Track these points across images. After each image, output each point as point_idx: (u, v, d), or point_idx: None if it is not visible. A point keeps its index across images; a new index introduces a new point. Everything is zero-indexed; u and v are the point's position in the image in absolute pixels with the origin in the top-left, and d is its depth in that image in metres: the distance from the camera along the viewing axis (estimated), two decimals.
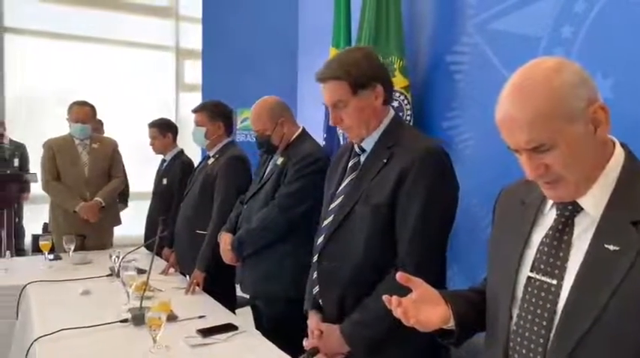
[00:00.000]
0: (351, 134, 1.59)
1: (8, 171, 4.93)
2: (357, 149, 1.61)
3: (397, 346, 1.47)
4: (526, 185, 1.02)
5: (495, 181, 2.27)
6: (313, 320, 1.63)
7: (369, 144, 1.57)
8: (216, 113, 2.78)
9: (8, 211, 4.56)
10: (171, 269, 2.83)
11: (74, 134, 3.36)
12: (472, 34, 2.74)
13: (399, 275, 1.06)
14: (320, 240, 1.62)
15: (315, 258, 1.63)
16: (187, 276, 2.66)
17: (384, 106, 1.57)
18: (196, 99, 5.27)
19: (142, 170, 4.95)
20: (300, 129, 2.38)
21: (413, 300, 1.05)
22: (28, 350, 1.82)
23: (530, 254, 0.99)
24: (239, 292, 2.77)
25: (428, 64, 3.06)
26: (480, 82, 2.66)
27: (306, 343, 1.56)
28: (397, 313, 1.04)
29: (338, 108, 1.54)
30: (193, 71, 6.20)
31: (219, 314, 2.19)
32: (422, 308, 1.05)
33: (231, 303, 2.47)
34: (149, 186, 3.50)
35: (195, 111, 2.84)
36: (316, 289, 1.64)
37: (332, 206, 1.61)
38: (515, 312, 0.98)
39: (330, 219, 1.59)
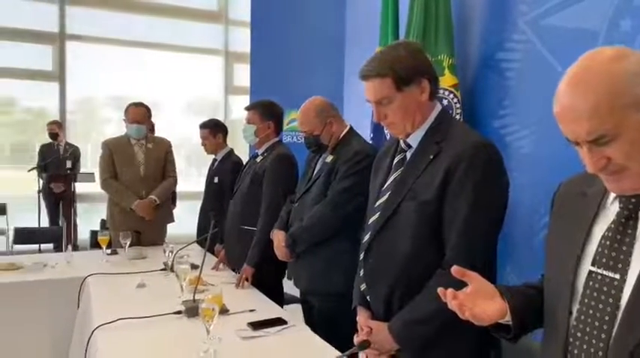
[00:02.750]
0: (395, 130, 1.57)
1: (61, 172, 5.18)
2: (402, 145, 1.59)
3: (446, 344, 1.46)
4: (587, 176, 0.99)
5: (549, 181, 2.22)
6: (362, 317, 1.63)
7: (415, 139, 1.56)
8: (267, 112, 2.83)
9: (65, 209, 4.81)
10: (221, 265, 2.90)
11: (130, 134, 3.50)
12: (524, 31, 2.68)
13: (454, 269, 1.05)
14: (366, 237, 1.61)
15: (362, 255, 1.62)
16: (236, 272, 2.72)
17: (430, 101, 1.54)
18: (245, 101, 5.38)
19: (191, 171, 5.12)
20: (347, 127, 2.40)
21: (468, 293, 1.04)
22: (89, 337, 1.91)
23: (592, 248, 0.96)
24: (286, 289, 2.82)
25: (478, 62, 3.01)
26: (533, 80, 2.60)
27: (356, 339, 1.56)
28: (452, 305, 1.03)
29: (382, 105, 1.52)
30: (242, 74, 6.34)
31: (268, 308, 2.24)
32: (477, 301, 1.04)
33: (278, 299, 2.50)
34: (196, 186, 3.60)
35: (247, 109, 2.89)
36: (363, 286, 1.64)
37: (378, 203, 1.60)
38: (576, 308, 0.96)
39: (376, 216, 1.58)
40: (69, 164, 5.13)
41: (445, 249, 1.45)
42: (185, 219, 3.88)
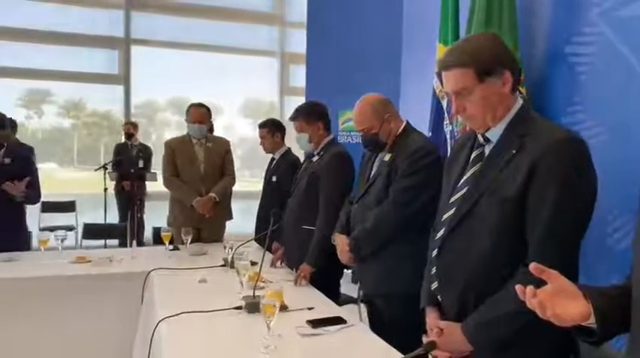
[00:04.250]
0: (474, 124, 1.51)
1: (132, 170, 5.42)
2: (480, 139, 1.53)
3: (523, 346, 1.39)
4: None
5: (622, 181, 2.08)
6: (432, 318, 1.58)
7: (494, 134, 1.49)
8: (312, 115, 2.81)
9: (132, 206, 5.01)
10: (279, 263, 2.92)
11: (192, 133, 3.59)
12: (596, 23, 2.54)
13: (533, 266, 0.99)
14: (440, 233, 1.56)
15: (435, 253, 1.57)
16: (294, 270, 2.73)
17: (511, 94, 1.47)
18: (301, 101, 5.42)
19: (244, 172, 5.21)
20: (404, 123, 2.34)
21: (548, 292, 0.98)
22: (154, 329, 1.97)
23: None
24: (343, 289, 2.81)
25: (545, 57, 2.88)
26: (607, 74, 2.45)
27: (425, 340, 1.51)
28: (532, 304, 0.97)
29: (461, 97, 1.47)
30: (297, 75, 6.40)
31: (326, 307, 2.22)
32: (558, 301, 0.97)
33: (335, 299, 2.48)
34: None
35: (292, 119, 2.87)
36: (435, 285, 1.58)
37: (453, 198, 1.54)
38: None
39: (451, 212, 1.53)
40: (141, 163, 5.35)
41: (527, 249, 1.38)
42: (237, 218, 3.94)
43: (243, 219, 4.06)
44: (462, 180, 1.54)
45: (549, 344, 1.39)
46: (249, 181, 6.08)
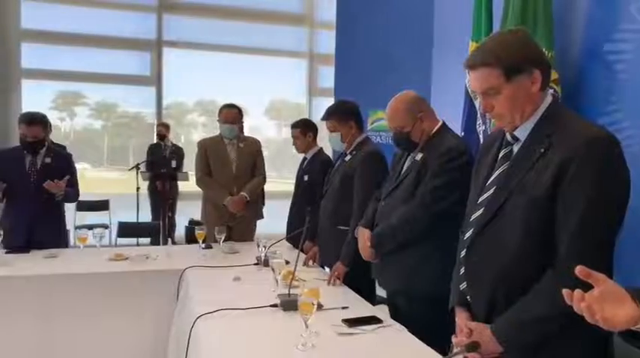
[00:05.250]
0: (502, 123, 1.49)
1: (163, 170, 5.52)
2: (509, 138, 1.51)
3: (555, 349, 1.37)
4: None
5: None
6: (461, 318, 1.57)
7: (523, 132, 1.47)
8: (344, 114, 2.81)
9: (164, 205, 5.11)
10: (311, 262, 2.93)
11: (224, 134, 3.65)
12: (636, 19, 2.48)
13: (579, 269, 0.98)
14: (468, 234, 1.54)
15: (464, 253, 1.56)
16: (327, 269, 2.74)
17: (540, 92, 1.45)
18: (329, 102, 5.42)
19: (271, 173, 5.24)
20: (439, 123, 2.32)
21: (595, 296, 0.97)
22: (192, 325, 2.00)
23: None
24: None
25: (581, 55, 2.83)
26: None
27: (454, 340, 1.50)
28: (579, 308, 0.96)
29: (489, 96, 1.45)
30: (326, 76, 6.42)
31: (361, 306, 2.23)
32: (606, 305, 0.96)
33: (369, 298, 2.48)
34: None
35: (324, 119, 2.87)
36: (464, 285, 1.57)
37: (482, 198, 1.53)
38: None
39: (479, 212, 1.51)
40: (174, 163, 5.46)
41: (556, 249, 1.35)
42: (273, 218, 3.97)
43: (270, 219, 4.09)
44: (490, 180, 1.53)
45: (582, 347, 1.36)
46: (275, 182, 6.13)
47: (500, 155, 1.54)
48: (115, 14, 6.48)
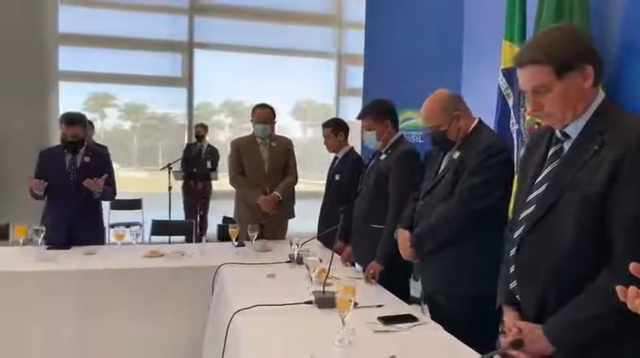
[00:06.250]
0: (553, 121, 1.47)
1: (195, 170, 5.62)
2: (559, 135, 1.49)
3: (608, 349, 1.34)
4: None
5: None
6: (510, 317, 1.55)
7: (574, 129, 1.44)
8: (380, 113, 2.81)
9: (198, 204, 5.21)
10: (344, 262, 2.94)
11: (256, 134, 3.69)
12: None
13: (633, 266, 0.96)
14: (518, 232, 1.53)
15: (514, 251, 1.54)
16: (358, 266, 2.75)
17: (593, 88, 1.43)
18: (357, 102, 5.43)
19: (299, 172, 5.27)
20: (476, 121, 2.30)
21: None
22: (230, 320, 2.04)
23: None
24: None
25: (620, 51, 2.77)
26: None
27: (503, 340, 1.49)
28: (633, 305, 0.95)
29: (539, 94, 1.43)
30: (354, 76, 6.43)
31: (396, 305, 2.23)
32: None
33: (404, 298, 2.48)
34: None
35: (360, 117, 2.88)
36: (513, 284, 1.55)
37: (532, 196, 1.51)
38: None
39: (530, 209, 1.50)
40: (209, 164, 5.56)
41: (611, 248, 1.33)
42: (304, 217, 4.00)
43: (297, 218, 4.12)
44: (540, 178, 1.51)
45: (635, 346, 1.34)
46: (301, 182, 6.18)
47: (550, 152, 1.52)
48: (148, 17, 6.62)
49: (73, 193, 3.29)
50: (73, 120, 3.34)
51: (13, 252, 3.08)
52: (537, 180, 1.51)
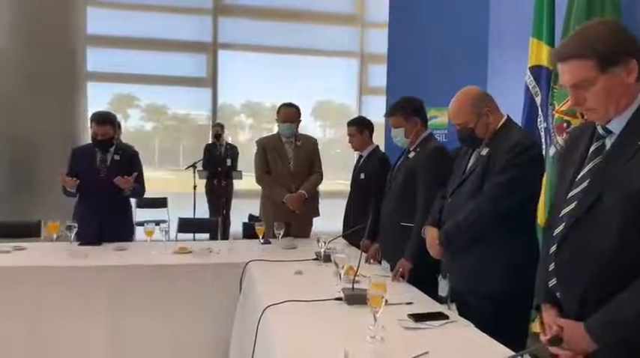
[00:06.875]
0: (595, 116, 1.46)
1: (219, 169, 5.68)
2: (601, 131, 1.47)
3: None
4: None
5: None
6: (550, 315, 1.53)
7: (617, 125, 1.43)
8: (409, 110, 2.80)
9: (220, 202, 5.26)
10: (371, 260, 2.94)
11: (282, 133, 3.72)
12: None
13: None
14: (559, 229, 1.51)
15: (554, 249, 1.52)
16: (387, 265, 2.75)
17: (636, 83, 1.40)
18: (379, 102, 5.43)
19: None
20: (504, 118, 2.29)
21: None
22: (261, 315, 2.07)
23: None
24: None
25: None
26: None
27: (543, 339, 1.47)
28: None
29: (581, 89, 1.42)
30: (376, 75, 6.43)
31: (425, 303, 2.23)
32: None
33: (433, 296, 2.47)
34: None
35: (389, 114, 2.88)
36: (553, 282, 1.53)
37: (573, 193, 1.49)
38: None
39: (571, 206, 1.48)
40: (228, 162, 5.63)
41: None
42: (329, 215, 4.02)
43: (319, 217, 4.14)
44: (582, 174, 1.49)
45: None
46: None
47: (592, 149, 1.50)
48: (172, 18, 6.71)
49: (103, 190, 3.37)
50: (104, 119, 3.41)
51: (46, 248, 3.15)
52: (578, 177, 1.50)
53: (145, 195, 3.83)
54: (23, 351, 2.70)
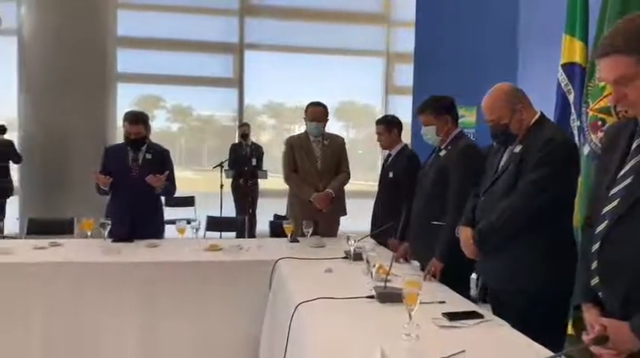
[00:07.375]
0: (637, 111, 1.44)
1: (246, 168, 5.73)
2: None
3: None
4: None
5: None
6: (592, 314, 1.51)
7: None
8: (440, 108, 2.79)
9: (247, 201, 5.30)
10: (400, 259, 2.93)
11: (310, 132, 3.73)
12: None
13: None
14: (601, 227, 1.48)
15: (596, 247, 1.49)
16: (418, 264, 2.74)
17: None
18: (406, 101, 5.40)
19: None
20: (538, 114, 2.25)
21: None
22: (293, 312, 2.08)
23: None
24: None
25: None
26: None
27: (585, 338, 1.45)
28: None
29: (622, 85, 1.40)
30: (403, 74, 6.40)
31: (458, 302, 2.21)
32: None
33: (465, 295, 2.45)
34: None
35: (419, 112, 2.86)
36: (595, 281, 1.51)
37: (615, 190, 1.47)
38: None
39: (614, 204, 1.46)
40: (254, 161, 5.68)
41: None
42: (356, 215, 4.02)
43: (359, 216, 4.14)
44: (624, 171, 1.46)
45: None
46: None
47: (635, 145, 1.47)
48: (200, 19, 6.80)
49: (135, 189, 3.43)
50: (136, 118, 3.48)
51: (80, 244, 3.22)
52: (620, 174, 1.47)
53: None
54: (62, 345, 2.76)
